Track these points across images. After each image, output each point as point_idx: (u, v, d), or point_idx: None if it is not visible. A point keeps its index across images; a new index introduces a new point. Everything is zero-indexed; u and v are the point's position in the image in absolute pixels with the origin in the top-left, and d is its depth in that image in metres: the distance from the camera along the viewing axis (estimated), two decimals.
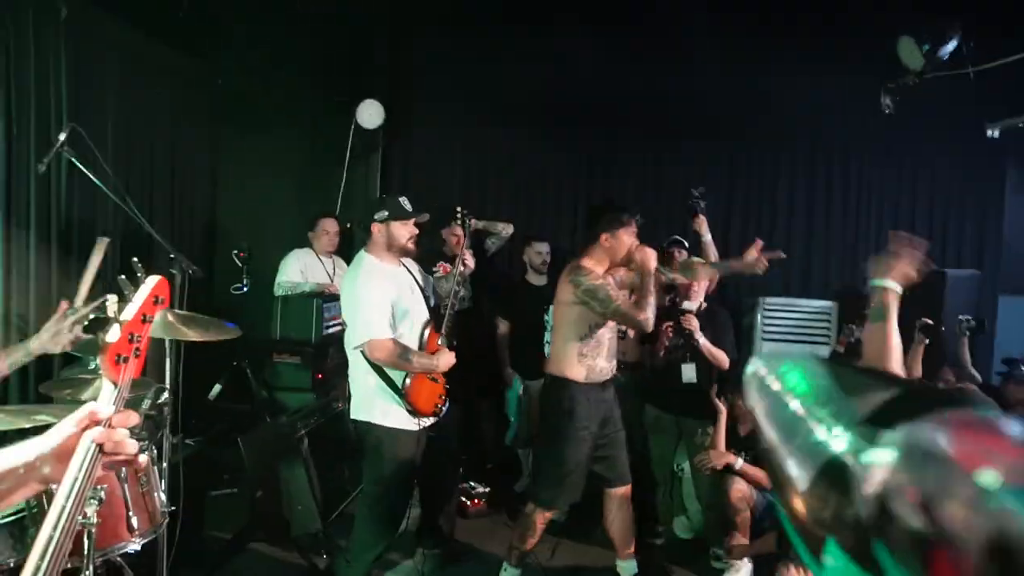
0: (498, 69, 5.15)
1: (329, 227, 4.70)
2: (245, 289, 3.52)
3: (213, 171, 5.53)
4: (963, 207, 5.17)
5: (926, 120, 4.74)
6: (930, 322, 3.65)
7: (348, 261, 4.89)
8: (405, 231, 3.11)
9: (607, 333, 3.23)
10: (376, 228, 3.10)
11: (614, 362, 3.32)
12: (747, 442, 3.60)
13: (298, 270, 4.48)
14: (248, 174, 5.36)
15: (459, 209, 3.52)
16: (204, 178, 5.41)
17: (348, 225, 5.15)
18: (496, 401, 4.68)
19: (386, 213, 3.09)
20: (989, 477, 0.41)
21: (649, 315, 3.08)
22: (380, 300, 3.00)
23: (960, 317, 3.99)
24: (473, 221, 3.55)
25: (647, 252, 3.17)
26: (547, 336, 4.47)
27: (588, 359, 3.18)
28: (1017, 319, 4.86)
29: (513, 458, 4.71)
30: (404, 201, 3.15)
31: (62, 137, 2.36)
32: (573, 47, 4.94)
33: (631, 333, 3.94)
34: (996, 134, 4.69)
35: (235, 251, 3.60)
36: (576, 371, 3.16)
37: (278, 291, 4.38)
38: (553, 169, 5.52)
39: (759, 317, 4.93)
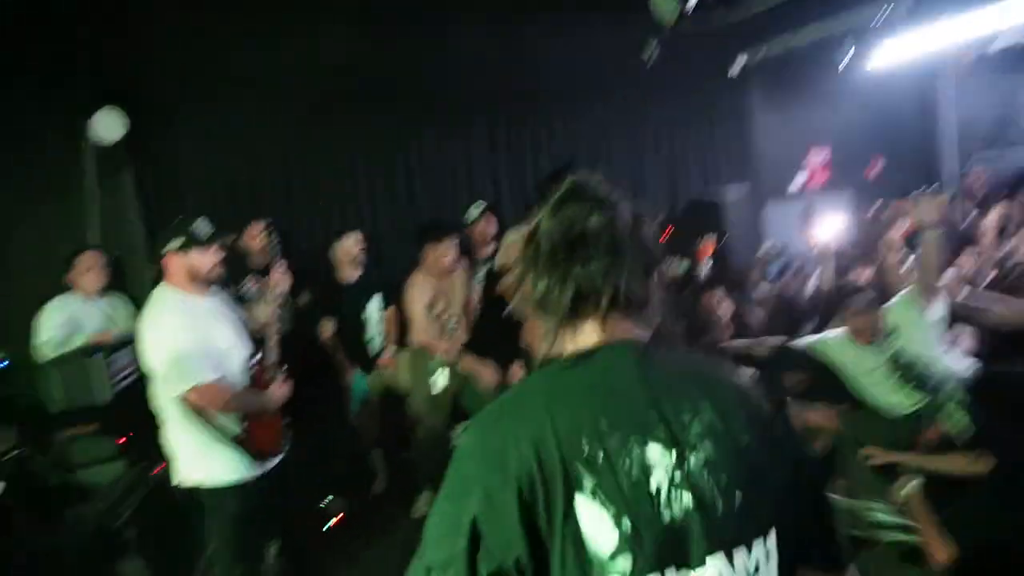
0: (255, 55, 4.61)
1: (91, 262, 3.96)
2: (4, 364, 2.84)
3: None
4: (726, 132, 5.92)
5: (678, 66, 5.12)
6: None
7: (125, 296, 4.24)
8: (207, 259, 2.70)
9: None
10: (171, 261, 2.66)
11: None
12: None
13: (61, 323, 3.74)
14: None
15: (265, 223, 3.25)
16: None
17: (116, 256, 4.42)
18: (338, 406, 4.37)
19: (180, 241, 2.66)
20: None
21: None
22: (196, 340, 2.57)
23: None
24: None
25: None
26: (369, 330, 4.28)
27: None
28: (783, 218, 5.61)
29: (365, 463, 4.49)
30: (200, 224, 2.72)
31: None
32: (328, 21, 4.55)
33: None
34: (736, 73, 5.40)
35: None
36: None
37: (45, 352, 3.64)
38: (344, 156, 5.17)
39: None
